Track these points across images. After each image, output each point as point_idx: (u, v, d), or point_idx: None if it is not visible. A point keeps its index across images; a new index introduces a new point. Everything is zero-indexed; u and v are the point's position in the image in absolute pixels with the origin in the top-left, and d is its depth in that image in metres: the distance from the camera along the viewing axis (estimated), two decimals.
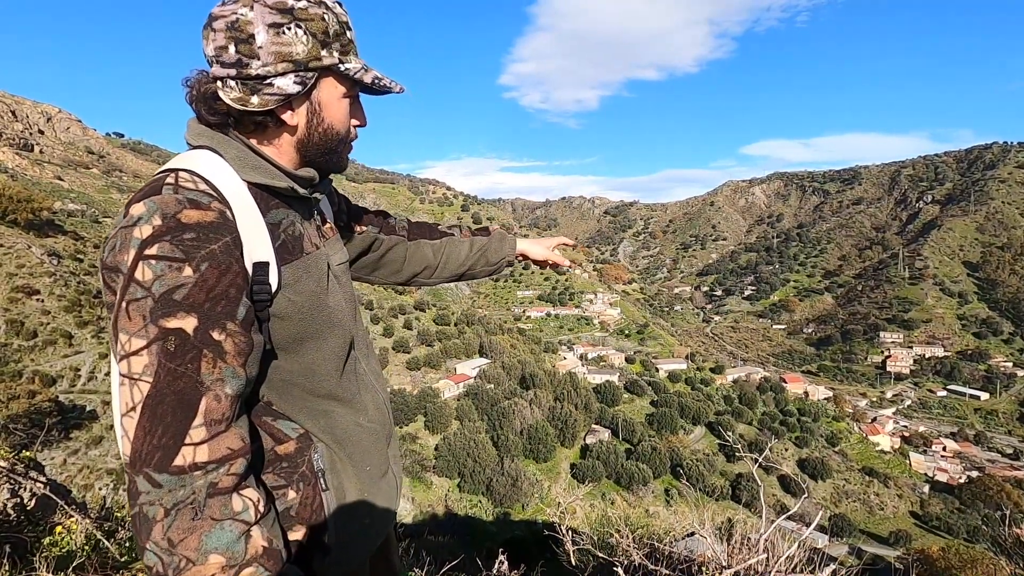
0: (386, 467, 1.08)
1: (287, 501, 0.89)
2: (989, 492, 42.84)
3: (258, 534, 0.73)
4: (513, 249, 1.53)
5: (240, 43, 0.82)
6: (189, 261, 0.73)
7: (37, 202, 34.02)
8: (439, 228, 1.48)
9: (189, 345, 0.72)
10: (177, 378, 0.71)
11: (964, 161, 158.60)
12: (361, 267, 1.35)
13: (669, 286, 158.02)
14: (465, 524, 28.33)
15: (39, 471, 2.52)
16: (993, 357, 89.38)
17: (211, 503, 0.70)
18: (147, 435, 0.70)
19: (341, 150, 0.97)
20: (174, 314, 0.72)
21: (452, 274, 1.47)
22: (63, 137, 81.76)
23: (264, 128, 0.90)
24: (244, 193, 0.87)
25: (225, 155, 0.88)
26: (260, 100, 0.84)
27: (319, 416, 0.95)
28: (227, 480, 0.72)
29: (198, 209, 0.77)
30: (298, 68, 0.85)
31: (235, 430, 0.75)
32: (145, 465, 0.69)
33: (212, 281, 0.75)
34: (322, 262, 0.98)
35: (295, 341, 0.91)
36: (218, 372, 0.74)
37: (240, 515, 0.72)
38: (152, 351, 0.71)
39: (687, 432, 49.56)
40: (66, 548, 2.01)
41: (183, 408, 0.71)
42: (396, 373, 48.04)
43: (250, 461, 0.77)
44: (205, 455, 0.71)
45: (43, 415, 18.59)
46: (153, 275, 0.72)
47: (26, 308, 26.86)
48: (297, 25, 0.83)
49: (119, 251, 0.74)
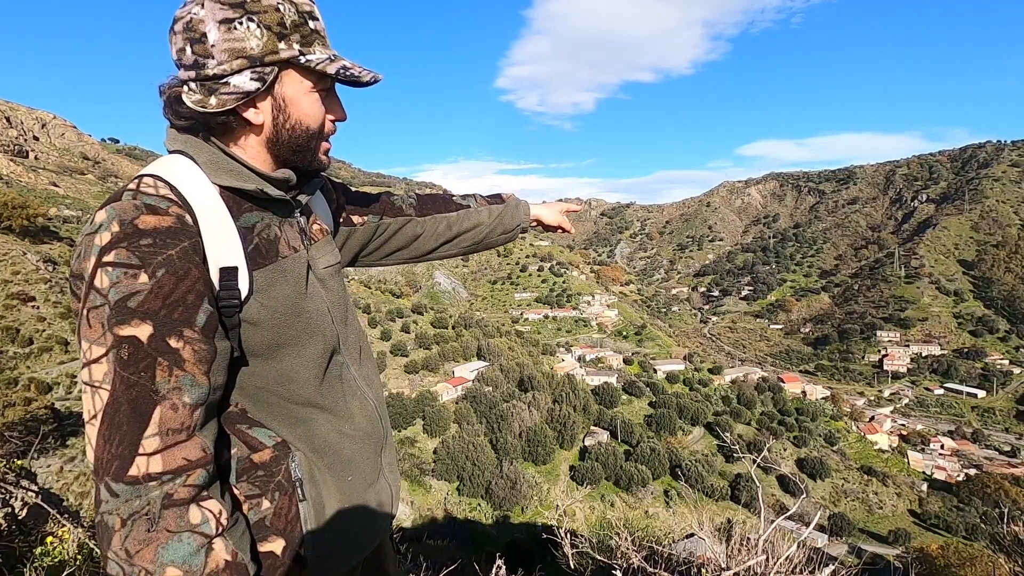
0: (376, 476, 1.05)
1: (261, 511, 0.86)
2: (987, 489, 42.99)
3: (221, 547, 0.71)
4: (528, 214, 1.50)
5: (194, 43, 0.79)
6: (145, 267, 0.72)
7: (32, 208, 33.89)
8: (454, 200, 1.43)
9: (143, 353, 0.70)
10: (130, 387, 0.69)
11: (958, 160, 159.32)
12: (369, 254, 1.31)
13: (666, 287, 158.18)
14: (464, 527, 28.28)
15: (31, 480, 2.49)
16: (989, 355, 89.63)
17: (166, 515, 0.68)
18: (107, 443, 0.69)
19: (314, 147, 0.92)
20: (128, 322, 0.70)
21: (471, 244, 1.43)
22: (58, 143, 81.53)
23: (231, 129, 0.87)
24: (214, 197, 0.84)
25: (197, 159, 0.86)
26: (218, 100, 0.81)
27: (297, 424, 0.92)
28: (183, 491, 0.70)
29: (155, 215, 0.75)
30: (254, 64, 0.81)
31: (197, 440, 0.73)
32: (105, 474, 0.68)
33: (169, 287, 0.73)
34: (300, 266, 0.94)
35: (270, 347, 0.88)
36: (175, 380, 0.72)
37: (198, 527, 0.70)
38: (109, 359, 0.70)
39: (686, 433, 49.59)
40: (58, 558, 1.98)
41: (136, 418, 0.69)
42: (394, 377, 47.96)
43: (212, 472, 0.75)
44: (159, 466, 0.69)
45: (39, 422, 18.50)
46: (110, 282, 0.71)
47: (21, 315, 26.74)
48: (249, 18, 0.79)
49: (83, 258, 0.73)
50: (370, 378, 1.09)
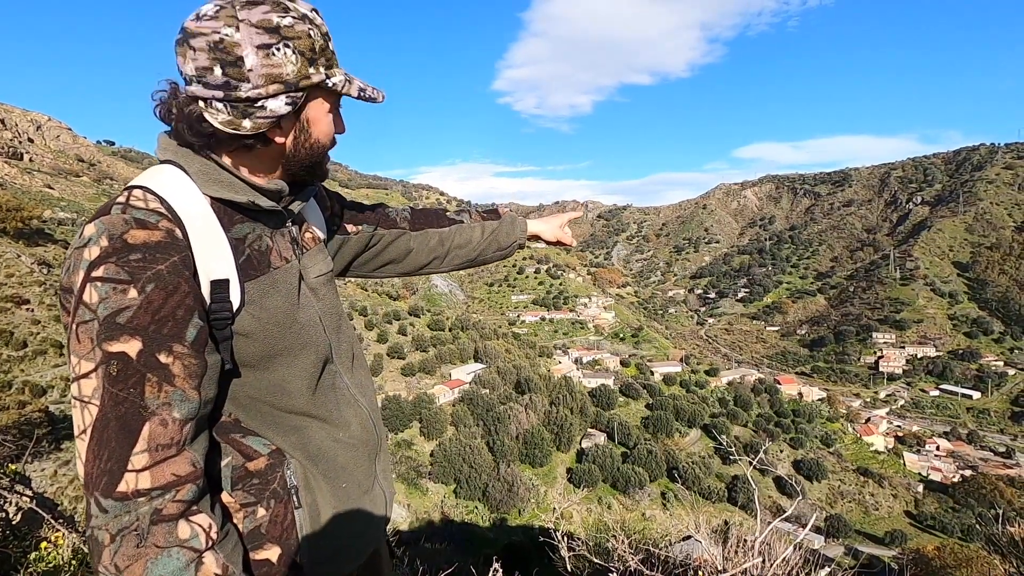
0: (370, 483, 1.05)
1: (256, 519, 0.86)
2: (983, 491, 43.11)
3: (211, 561, 0.72)
4: (524, 232, 1.50)
5: (227, 65, 0.78)
6: (134, 283, 0.71)
7: (27, 211, 33.74)
8: (447, 215, 1.43)
9: (132, 369, 0.70)
10: (119, 403, 0.69)
11: (952, 162, 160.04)
12: (362, 264, 1.31)
13: (663, 289, 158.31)
14: (461, 530, 28.19)
15: (25, 484, 2.48)
16: (984, 356, 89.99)
17: (155, 530, 0.68)
18: (96, 459, 0.69)
19: (325, 161, 0.96)
20: (117, 337, 0.70)
21: (464, 260, 1.44)
22: (53, 145, 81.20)
23: (251, 149, 0.87)
24: (205, 209, 0.84)
25: (188, 169, 0.85)
26: (253, 124, 0.82)
27: (290, 432, 0.92)
28: (172, 507, 0.70)
29: (144, 229, 0.75)
30: (289, 89, 0.82)
31: (186, 455, 0.73)
32: (95, 489, 0.68)
33: (158, 303, 0.72)
34: (292, 276, 0.94)
35: (263, 359, 0.88)
36: (164, 396, 0.72)
37: (188, 542, 0.70)
38: (98, 374, 0.70)
39: (683, 435, 49.62)
40: (53, 563, 1.97)
41: (125, 434, 0.69)
42: (391, 379, 47.85)
43: (202, 486, 0.75)
44: (148, 482, 0.69)
45: (33, 426, 18.37)
46: (99, 297, 0.70)
47: (16, 318, 26.59)
48: (285, 44, 0.80)
49: (72, 272, 0.73)
50: (363, 385, 1.09)
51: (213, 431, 0.86)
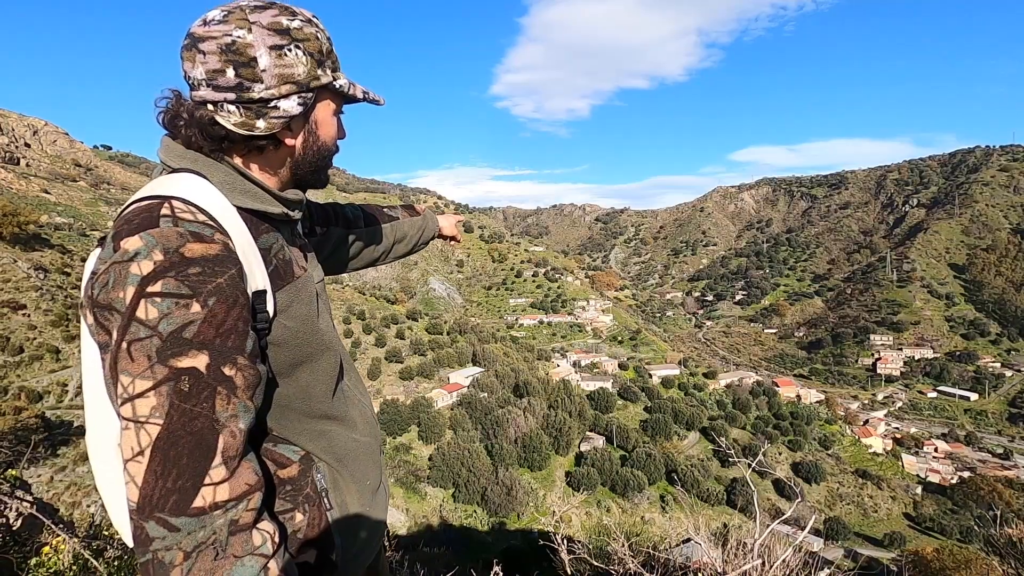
0: (379, 480, 1.09)
1: (295, 524, 0.88)
2: (981, 492, 43.18)
3: (275, 567, 0.73)
4: (437, 226, 1.66)
5: (241, 67, 0.80)
6: (196, 297, 0.71)
7: (23, 216, 33.68)
8: (385, 211, 1.52)
9: (203, 384, 0.70)
10: (193, 419, 0.69)
11: (948, 165, 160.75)
12: (330, 264, 1.34)
13: (661, 292, 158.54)
14: (460, 535, 28.16)
15: (25, 490, 2.48)
16: (981, 358, 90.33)
17: (233, 541, 0.69)
18: (159, 479, 0.67)
19: (329, 165, 0.98)
20: (185, 353, 0.69)
21: (403, 254, 1.56)
22: (50, 150, 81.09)
23: (262, 151, 0.88)
24: (238, 220, 0.84)
25: (212, 179, 0.85)
26: (267, 124, 0.84)
27: (318, 437, 0.95)
28: (247, 516, 0.71)
29: (202, 242, 0.75)
30: (300, 89, 0.85)
31: (248, 464, 0.74)
32: (157, 510, 0.66)
33: (221, 316, 0.72)
34: (311, 284, 0.96)
35: (291, 366, 0.90)
36: (232, 408, 0.72)
37: (259, 549, 0.71)
38: (162, 392, 0.68)
39: (681, 438, 49.62)
40: (53, 568, 1.97)
41: (201, 449, 0.69)
42: (389, 383, 47.79)
43: (265, 493, 0.76)
44: (226, 494, 0.69)
45: (29, 431, 18.32)
46: (159, 313, 0.69)
47: (12, 323, 26.51)
48: (296, 46, 0.83)
49: (113, 288, 0.71)
50: (360, 386, 1.14)
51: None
